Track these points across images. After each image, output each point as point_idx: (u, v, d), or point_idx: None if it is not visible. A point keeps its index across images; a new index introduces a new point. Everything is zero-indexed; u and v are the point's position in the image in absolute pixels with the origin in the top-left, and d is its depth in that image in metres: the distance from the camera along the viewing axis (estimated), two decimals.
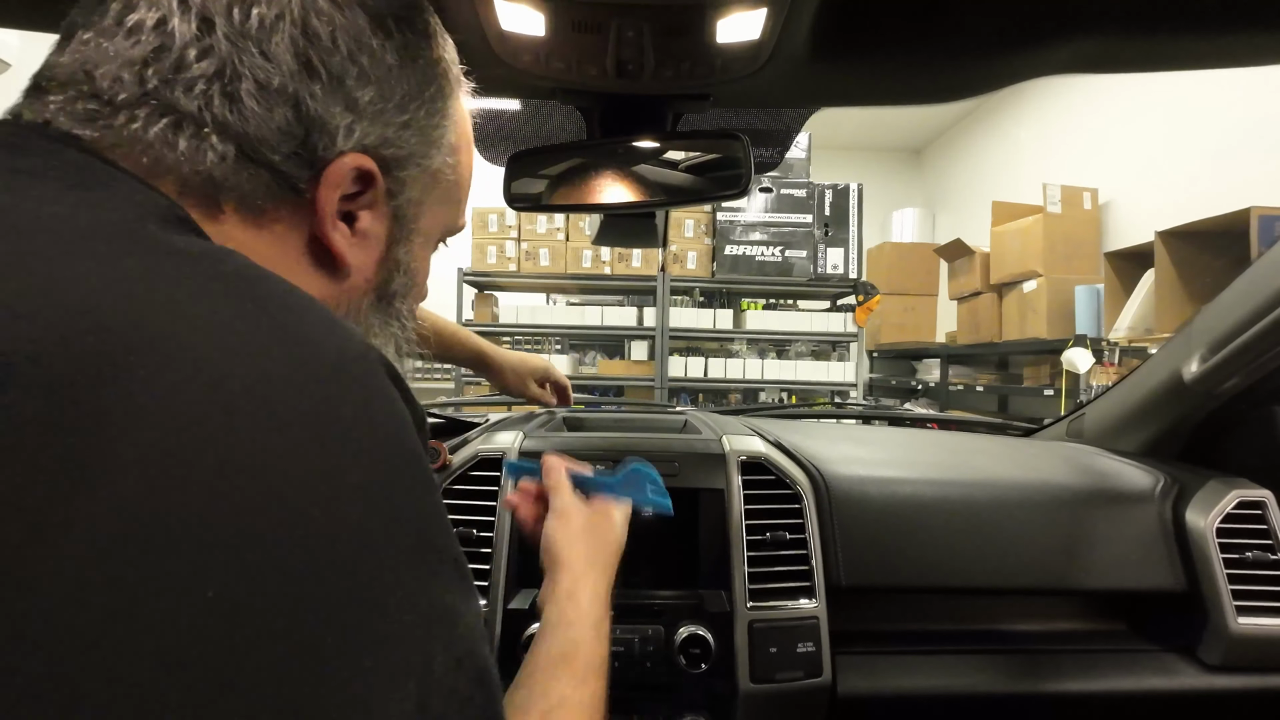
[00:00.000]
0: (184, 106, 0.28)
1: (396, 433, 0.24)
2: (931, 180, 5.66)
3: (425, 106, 0.35)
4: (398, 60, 0.33)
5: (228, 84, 0.29)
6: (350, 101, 0.31)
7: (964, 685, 0.66)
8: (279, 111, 0.30)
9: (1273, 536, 0.71)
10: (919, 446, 0.84)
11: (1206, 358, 0.77)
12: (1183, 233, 2.29)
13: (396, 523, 0.22)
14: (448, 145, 0.38)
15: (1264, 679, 0.68)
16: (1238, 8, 0.50)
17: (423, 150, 0.36)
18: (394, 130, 0.34)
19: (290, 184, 0.31)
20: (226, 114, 0.29)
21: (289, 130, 0.30)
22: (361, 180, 0.33)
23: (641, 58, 0.53)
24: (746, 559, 0.65)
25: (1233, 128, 2.73)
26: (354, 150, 0.32)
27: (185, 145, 0.28)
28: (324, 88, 0.31)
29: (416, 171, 0.36)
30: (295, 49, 0.30)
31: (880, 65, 0.59)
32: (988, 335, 3.35)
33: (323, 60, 0.30)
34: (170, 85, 0.28)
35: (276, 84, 0.29)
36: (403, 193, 0.36)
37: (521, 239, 3.27)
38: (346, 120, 0.31)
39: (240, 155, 0.29)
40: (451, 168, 0.39)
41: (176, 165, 0.28)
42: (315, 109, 0.30)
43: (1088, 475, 0.78)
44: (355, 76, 0.32)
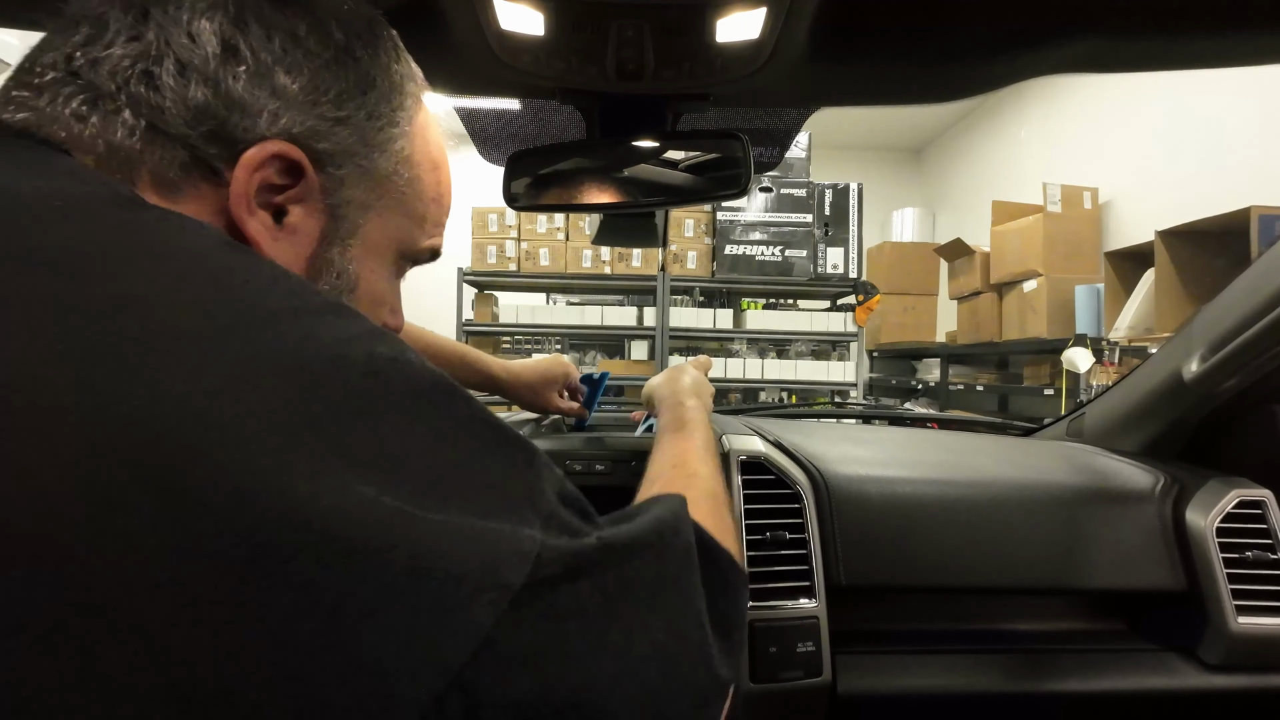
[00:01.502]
0: (103, 85, 0.29)
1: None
2: (931, 180, 5.66)
3: (366, 109, 0.35)
4: (334, 56, 0.34)
5: (150, 64, 0.30)
6: (277, 88, 0.32)
7: (964, 685, 0.66)
8: (197, 89, 0.30)
9: (1273, 536, 0.71)
10: (919, 446, 0.84)
11: (1206, 357, 0.77)
12: (1183, 232, 2.29)
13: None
14: (395, 153, 0.37)
15: (1264, 679, 0.67)
16: (1237, 8, 0.50)
17: (362, 151, 0.35)
18: (327, 124, 0.34)
19: (207, 163, 0.31)
20: (141, 89, 0.30)
21: (206, 109, 0.30)
22: (290, 173, 0.33)
23: (641, 58, 0.53)
24: (746, 559, 0.65)
25: (1233, 128, 2.73)
26: (278, 137, 0.32)
27: (97, 119, 0.29)
28: (249, 71, 0.31)
29: (356, 172, 0.36)
30: (222, 33, 0.31)
31: (880, 65, 0.59)
32: (988, 335, 3.35)
33: (250, 47, 0.31)
34: (95, 65, 0.30)
35: (197, 62, 0.30)
36: (339, 191, 0.35)
37: (521, 239, 3.27)
38: (272, 105, 0.32)
39: (152, 129, 0.30)
40: (406, 181, 0.38)
41: (91, 140, 0.29)
42: (236, 90, 0.31)
43: (1088, 475, 0.78)
44: (286, 67, 0.32)
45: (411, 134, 0.38)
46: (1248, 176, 2.61)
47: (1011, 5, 0.51)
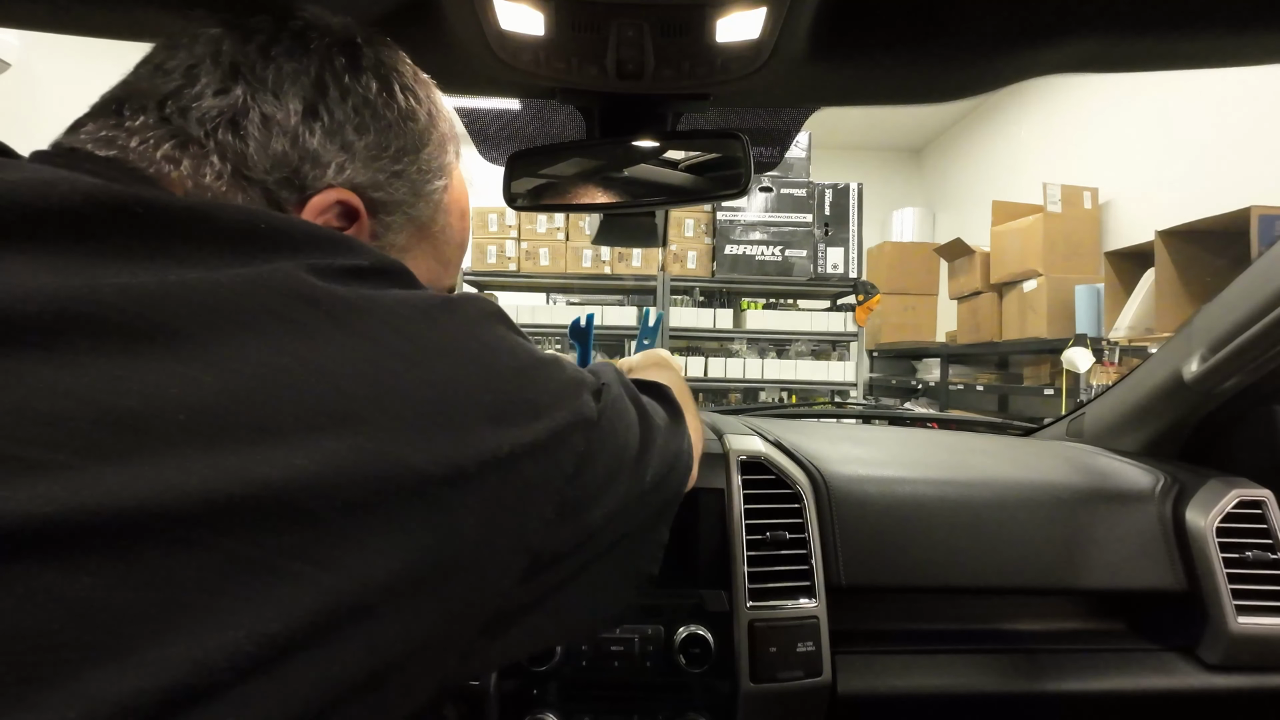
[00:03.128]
0: (193, 132, 0.33)
1: None
2: (931, 180, 5.66)
3: (419, 163, 0.40)
4: (398, 117, 0.38)
5: (236, 116, 0.33)
6: (346, 144, 0.36)
7: (964, 685, 0.66)
8: (278, 141, 0.34)
9: (1273, 536, 0.71)
10: (919, 446, 0.84)
11: (1206, 357, 0.77)
12: (1183, 232, 2.29)
13: None
14: (437, 203, 0.42)
15: (1264, 679, 0.68)
16: (1237, 8, 0.50)
17: (411, 200, 0.40)
18: (385, 176, 0.38)
19: (278, 204, 0.35)
20: (229, 138, 0.33)
21: (284, 158, 0.34)
22: (347, 216, 0.37)
23: (641, 57, 0.53)
24: (746, 559, 0.65)
25: (1233, 128, 2.73)
26: (343, 186, 0.36)
27: (187, 162, 0.32)
28: (324, 128, 0.35)
29: (403, 219, 0.40)
30: (305, 96, 0.35)
31: (880, 65, 0.59)
32: (988, 335, 3.35)
33: (328, 108, 0.35)
34: (184, 114, 0.33)
35: (279, 118, 0.34)
36: (386, 235, 0.39)
37: (521, 239, 3.27)
38: (340, 159, 0.36)
39: (235, 174, 0.33)
40: (441, 227, 0.43)
41: (180, 180, 0.32)
42: (312, 144, 0.35)
43: (1087, 475, 0.78)
44: (356, 126, 0.36)
45: (450, 185, 0.43)
46: (1248, 176, 2.61)
47: (1011, 5, 0.51)
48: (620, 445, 0.36)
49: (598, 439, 0.34)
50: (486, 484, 0.27)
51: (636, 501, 0.37)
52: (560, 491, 0.31)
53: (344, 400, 0.24)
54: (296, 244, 0.28)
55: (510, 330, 0.33)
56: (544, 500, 0.30)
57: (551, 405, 0.32)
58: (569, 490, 0.32)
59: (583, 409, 0.34)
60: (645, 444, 0.39)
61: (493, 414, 0.28)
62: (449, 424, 0.27)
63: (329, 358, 0.25)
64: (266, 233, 0.28)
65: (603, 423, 0.35)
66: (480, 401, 0.28)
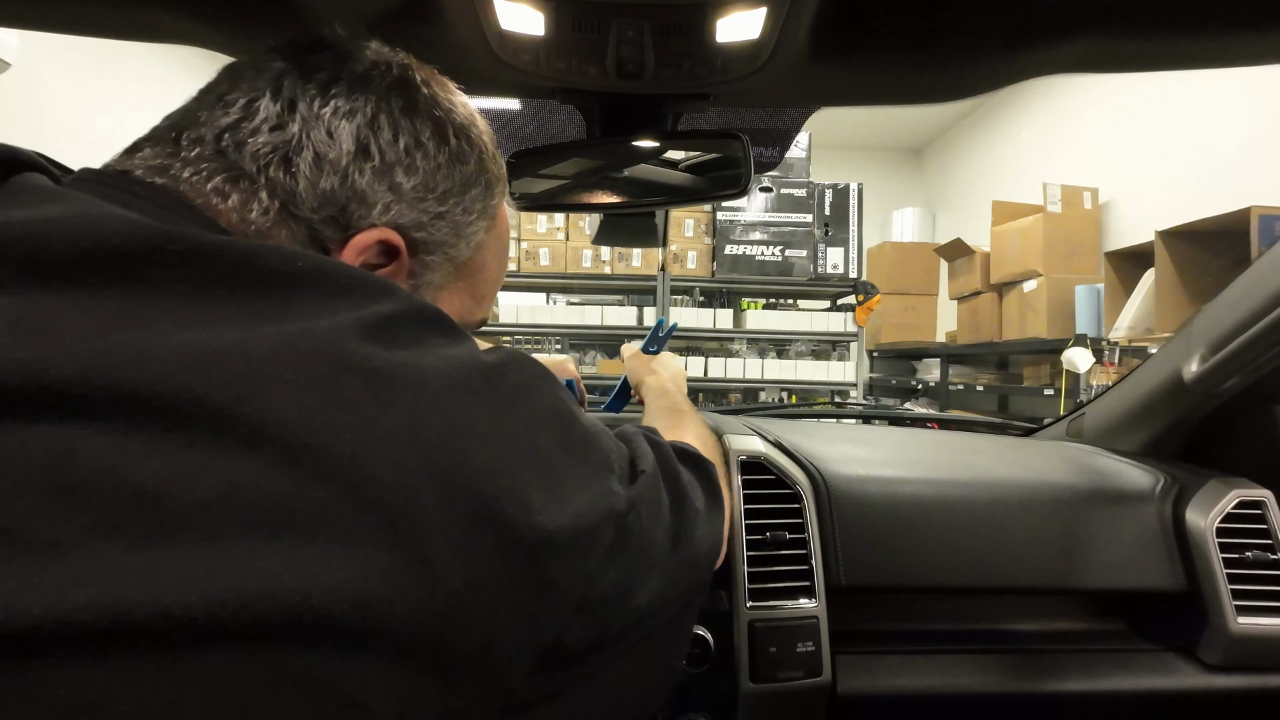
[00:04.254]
0: (245, 166, 0.33)
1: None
2: (931, 180, 5.66)
3: (464, 205, 0.39)
4: (447, 160, 0.38)
5: (289, 153, 0.33)
6: (394, 185, 0.36)
7: (964, 685, 0.66)
8: (328, 180, 0.34)
9: (1273, 536, 0.71)
10: (919, 446, 0.84)
11: (1206, 358, 0.77)
12: (1183, 233, 2.29)
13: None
14: (479, 243, 0.42)
15: (1264, 679, 0.67)
16: (1237, 7, 0.50)
17: (452, 241, 0.40)
18: (429, 218, 0.38)
19: (321, 242, 0.34)
20: (280, 175, 0.33)
21: (331, 197, 0.34)
22: (387, 253, 0.37)
23: (641, 57, 0.53)
24: (746, 559, 0.65)
25: (1233, 128, 2.73)
26: (386, 225, 0.36)
27: (236, 197, 0.32)
28: (374, 169, 0.35)
29: (442, 259, 0.40)
30: (358, 135, 0.34)
31: (880, 65, 0.59)
32: (988, 335, 3.35)
33: (380, 149, 0.35)
34: (240, 147, 0.33)
35: (331, 157, 0.34)
36: (424, 274, 0.39)
37: (521, 239, 3.27)
38: (387, 199, 0.36)
39: (283, 210, 0.33)
40: (479, 266, 0.43)
41: (227, 212, 0.32)
42: (361, 184, 0.35)
43: (1087, 475, 0.78)
44: (406, 167, 0.36)
45: (491, 225, 0.43)
46: (1248, 176, 2.61)
47: (1011, 5, 0.51)
48: (648, 542, 0.35)
49: (624, 533, 0.33)
50: (503, 582, 0.26)
51: (663, 601, 0.36)
52: (582, 590, 0.30)
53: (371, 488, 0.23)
54: (334, 291, 0.28)
55: (549, 393, 0.33)
56: (562, 598, 0.29)
57: (579, 491, 0.31)
58: (591, 589, 0.30)
59: (611, 500, 0.32)
60: (678, 539, 0.37)
61: (522, 504, 0.27)
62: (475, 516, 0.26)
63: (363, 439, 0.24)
64: (305, 276, 0.27)
65: (631, 517, 0.33)
66: (510, 490, 0.27)
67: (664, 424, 0.57)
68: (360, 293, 0.28)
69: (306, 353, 0.25)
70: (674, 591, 0.37)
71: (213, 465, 0.21)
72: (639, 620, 0.34)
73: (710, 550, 0.41)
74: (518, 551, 0.27)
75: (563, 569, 0.29)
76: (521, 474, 0.28)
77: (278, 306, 0.26)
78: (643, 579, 0.34)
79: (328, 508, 0.22)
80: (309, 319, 0.26)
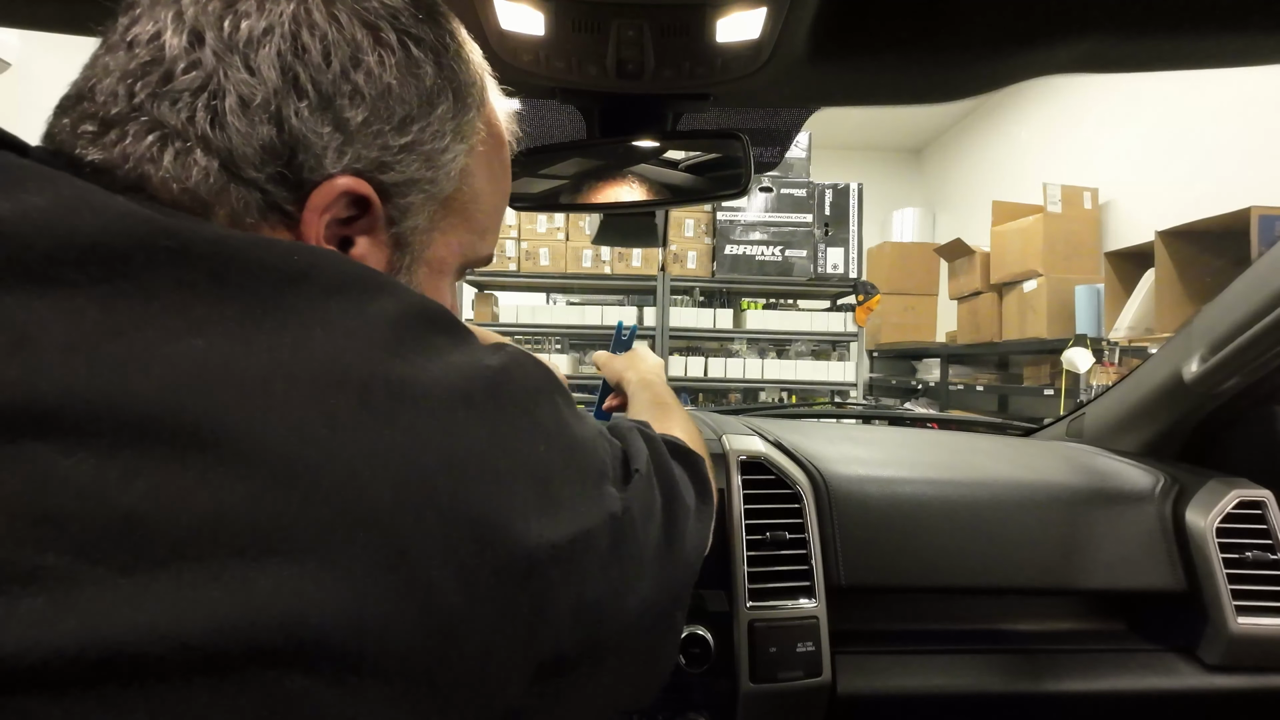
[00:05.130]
0: (169, 121, 0.28)
1: None
2: (931, 180, 5.66)
3: (431, 128, 0.33)
4: (398, 79, 0.31)
5: (211, 99, 0.28)
6: (340, 122, 0.30)
7: (964, 685, 0.66)
8: (261, 129, 0.29)
9: (1273, 536, 0.71)
10: (919, 446, 0.84)
11: (1206, 358, 0.77)
12: (1183, 233, 2.29)
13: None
14: (461, 170, 0.36)
15: (1264, 679, 0.67)
16: (1237, 7, 0.50)
17: (429, 175, 0.34)
18: (392, 154, 0.32)
19: (278, 206, 0.30)
20: (208, 129, 0.28)
21: (271, 148, 0.29)
22: (357, 205, 0.32)
23: (641, 57, 0.53)
24: (746, 559, 0.65)
25: (1233, 128, 2.73)
26: (344, 173, 0.31)
27: (170, 161, 0.28)
28: (310, 106, 0.29)
29: (421, 198, 0.34)
30: (281, 64, 0.29)
31: (880, 65, 0.59)
32: (988, 335, 3.35)
33: (311, 77, 0.29)
34: (157, 99, 0.28)
35: (259, 99, 0.28)
36: (404, 220, 0.34)
37: (521, 239, 3.27)
38: (335, 141, 0.30)
39: (224, 171, 0.28)
40: (470, 195, 0.37)
41: (165, 183, 0.28)
42: (300, 128, 0.29)
43: (1087, 475, 0.78)
44: (347, 95, 0.30)
45: (476, 144, 0.37)
46: (1248, 176, 2.61)
47: (1011, 5, 0.51)
48: (641, 543, 0.34)
49: (619, 537, 0.32)
50: (501, 598, 0.25)
51: (657, 598, 0.35)
52: (576, 595, 0.29)
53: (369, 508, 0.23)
54: (327, 289, 0.26)
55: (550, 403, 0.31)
56: (560, 607, 0.28)
57: (577, 500, 0.30)
58: (587, 595, 0.30)
59: (607, 503, 0.32)
60: (671, 539, 0.37)
61: (521, 518, 0.27)
62: (474, 535, 0.25)
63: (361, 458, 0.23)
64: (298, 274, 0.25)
65: (625, 519, 0.33)
66: (510, 507, 0.26)
67: (650, 417, 0.57)
68: (355, 289, 0.27)
69: (301, 368, 0.23)
70: (666, 593, 0.36)
71: (203, 487, 0.20)
72: (631, 622, 0.33)
73: (699, 547, 0.41)
74: (516, 568, 0.26)
75: (559, 579, 0.28)
76: (520, 489, 0.27)
77: (269, 308, 0.24)
78: (635, 583, 0.33)
79: (324, 528, 0.22)
80: (305, 327, 0.24)
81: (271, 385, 0.22)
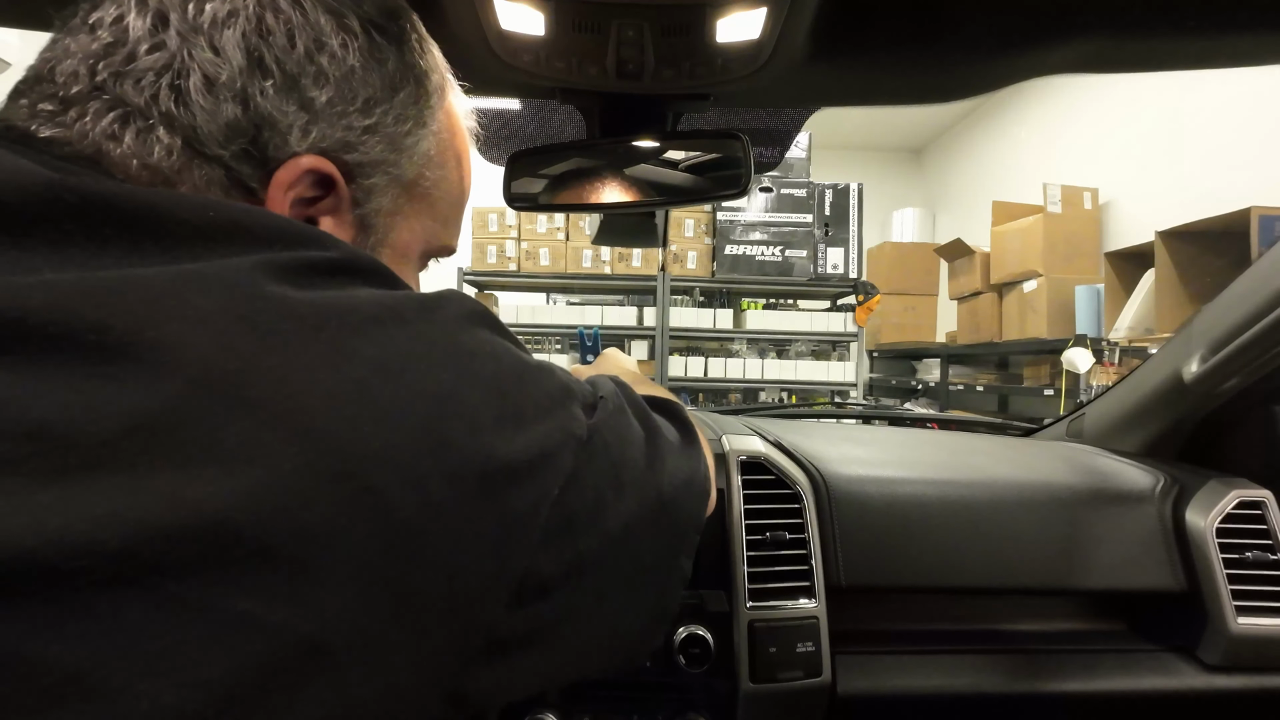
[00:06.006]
0: (131, 100, 0.28)
1: None
2: (931, 180, 5.66)
3: (394, 112, 0.34)
4: (361, 62, 0.32)
5: (175, 78, 0.28)
6: (305, 101, 0.31)
7: (964, 685, 0.66)
8: (226, 107, 0.29)
9: (1273, 536, 0.71)
10: (919, 446, 0.84)
11: (1206, 358, 0.77)
12: (1183, 233, 2.29)
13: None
14: (423, 155, 0.37)
15: (1264, 679, 0.67)
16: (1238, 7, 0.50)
17: (392, 158, 0.35)
18: (356, 134, 0.33)
19: (242, 183, 0.30)
20: (172, 107, 0.28)
21: (237, 126, 0.29)
22: (321, 184, 0.33)
23: (642, 58, 0.53)
24: (746, 559, 0.65)
25: (1233, 128, 2.73)
26: (309, 152, 0.31)
27: (131, 139, 0.28)
28: (275, 85, 0.30)
29: (384, 180, 0.35)
30: (246, 45, 0.29)
31: (880, 65, 0.59)
32: (988, 335, 3.35)
33: (276, 58, 0.30)
34: (120, 79, 0.28)
35: (224, 78, 0.29)
36: (369, 201, 0.35)
37: (521, 239, 3.27)
38: (301, 120, 0.31)
39: (188, 149, 0.29)
40: (433, 182, 0.38)
41: (124, 159, 0.28)
42: (265, 107, 0.30)
43: (1087, 475, 0.78)
44: (312, 76, 0.31)
45: (437, 131, 0.38)
46: (1248, 176, 2.61)
47: (1011, 5, 0.51)
48: (616, 463, 0.33)
49: (587, 457, 0.31)
50: (461, 511, 0.25)
51: (645, 527, 0.34)
52: (545, 516, 0.28)
53: (301, 415, 0.22)
54: (254, 237, 0.25)
55: (495, 333, 0.31)
56: (526, 526, 0.28)
57: (536, 419, 0.29)
58: (555, 514, 0.29)
59: (571, 425, 0.31)
60: (653, 463, 0.36)
61: (470, 428, 0.26)
62: (419, 441, 0.24)
63: (287, 365, 0.22)
64: (219, 223, 0.25)
65: (595, 441, 0.32)
66: (456, 415, 0.26)
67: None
68: (288, 239, 0.26)
69: (214, 280, 0.23)
70: (653, 518, 0.35)
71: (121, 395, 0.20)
72: (618, 547, 0.32)
73: (691, 479, 0.39)
74: (471, 480, 0.25)
75: (522, 496, 0.27)
76: (468, 399, 0.26)
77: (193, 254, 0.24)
78: (614, 501, 0.32)
79: (254, 435, 0.21)
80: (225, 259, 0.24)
81: (181, 294, 0.22)
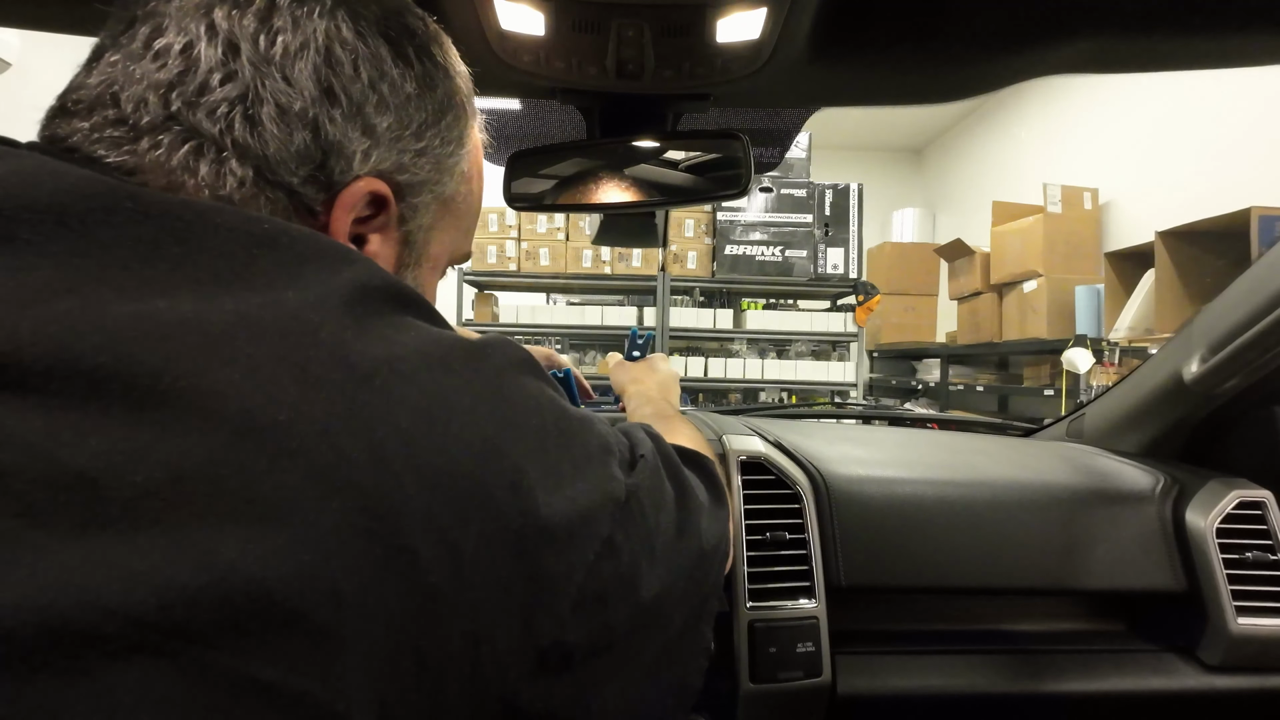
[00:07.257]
0: (206, 130, 0.29)
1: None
2: (931, 180, 5.66)
3: (441, 135, 0.36)
4: (416, 89, 0.34)
5: (249, 108, 0.29)
6: (368, 127, 0.32)
7: (964, 685, 0.66)
8: (298, 135, 0.30)
9: (1273, 537, 0.71)
10: (919, 446, 0.84)
11: (1206, 358, 0.77)
12: (1183, 233, 2.29)
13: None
14: (460, 173, 0.39)
15: (1264, 679, 0.67)
16: (1238, 8, 0.50)
17: (436, 177, 0.37)
18: (409, 157, 0.34)
19: (306, 206, 0.31)
20: (247, 137, 0.29)
21: (307, 153, 0.30)
22: (374, 204, 0.34)
23: (641, 58, 0.53)
24: (746, 559, 0.65)
25: (1233, 128, 2.73)
26: (369, 174, 0.33)
27: (206, 170, 0.28)
28: (343, 113, 0.31)
29: (429, 198, 0.37)
30: (317, 76, 0.30)
31: (880, 65, 0.59)
32: (988, 335, 3.35)
33: (344, 87, 0.31)
34: (193, 108, 0.28)
35: (297, 108, 0.30)
36: (414, 218, 0.36)
37: (521, 239, 3.27)
38: (364, 145, 0.32)
39: (258, 178, 0.30)
40: (464, 196, 0.40)
41: (197, 190, 0.29)
42: (334, 133, 0.31)
43: (1087, 475, 0.78)
44: (375, 104, 0.32)
45: (469, 148, 0.40)
46: (1248, 176, 2.61)
47: (1012, 5, 0.51)
48: (651, 529, 0.33)
49: (624, 521, 0.31)
50: (493, 573, 0.24)
51: (674, 596, 0.34)
52: (580, 583, 0.28)
53: (344, 468, 0.21)
54: (296, 257, 0.26)
55: (538, 380, 0.31)
56: (558, 593, 0.27)
57: (576, 477, 0.29)
58: (589, 582, 0.28)
59: (610, 485, 0.31)
60: (683, 528, 0.36)
61: (511, 486, 0.26)
62: (459, 499, 0.24)
63: (333, 415, 0.22)
64: (265, 240, 0.25)
65: (632, 504, 0.32)
66: (499, 471, 0.25)
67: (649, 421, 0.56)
68: (329, 258, 0.27)
69: (269, 323, 0.23)
70: (682, 588, 0.35)
71: (161, 445, 0.19)
72: (647, 618, 0.32)
73: (718, 545, 0.39)
74: (508, 541, 0.25)
75: (558, 561, 0.27)
76: (511, 456, 0.26)
77: (238, 272, 0.24)
78: (647, 570, 0.32)
79: (294, 491, 0.20)
80: (274, 289, 0.24)
81: (235, 339, 0.22)
